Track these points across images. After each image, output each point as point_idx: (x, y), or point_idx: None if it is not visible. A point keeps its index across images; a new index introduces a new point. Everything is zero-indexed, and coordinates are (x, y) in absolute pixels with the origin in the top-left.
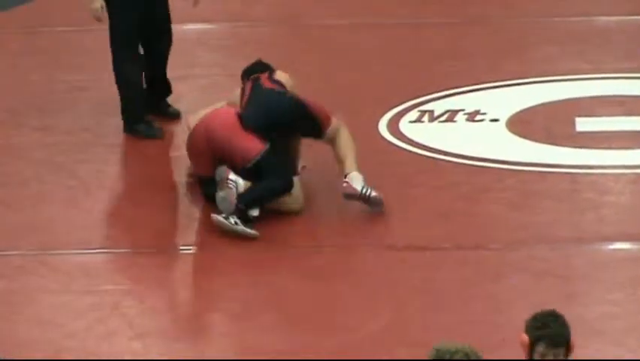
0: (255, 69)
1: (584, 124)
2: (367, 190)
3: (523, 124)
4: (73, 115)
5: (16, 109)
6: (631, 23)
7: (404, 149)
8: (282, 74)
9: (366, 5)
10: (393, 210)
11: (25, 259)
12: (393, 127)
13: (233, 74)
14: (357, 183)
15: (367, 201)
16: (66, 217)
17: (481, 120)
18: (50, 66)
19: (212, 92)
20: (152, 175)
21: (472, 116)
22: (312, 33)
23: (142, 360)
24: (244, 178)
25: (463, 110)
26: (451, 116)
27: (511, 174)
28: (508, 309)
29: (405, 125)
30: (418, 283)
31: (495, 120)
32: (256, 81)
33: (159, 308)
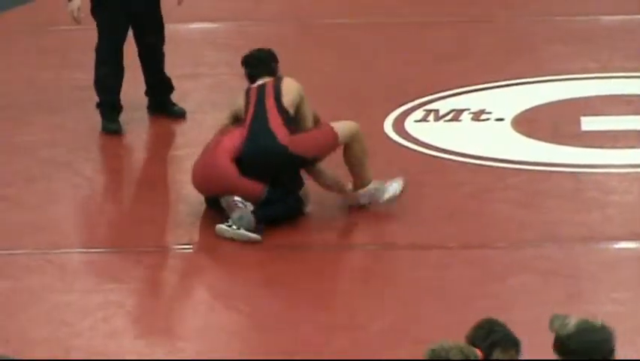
0: (262, 68)
1: (589, 123)
2: (388, 194)
3: (529, 123)
4: (80, 114)
5: (24, 107)
6: (637, 23)
7: (409, 148)
8: (290, 85)
9: (372, 4)
10: (399, 209)
11: (31, 258)
12: (399, 126)
13: (240, 73)
14: (380, 195)
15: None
16: (72, 216)
17: (487, 119)
18: (58, 65)
19: (218, 91)
20: (158, 174)
21: (477, 116)
22: (318, 32)
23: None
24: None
25: (468, 109)
26: (456, 115)
27: (517, 174)
28: (514, 308)
29: (410, 125)
30: (424, 282)
31: (500, 119)
32: (260, 93)
33: (164, 307)
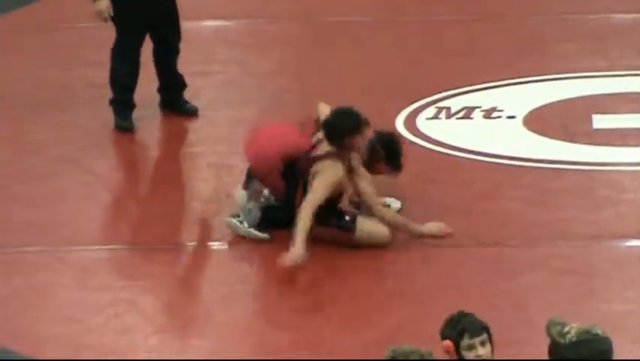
0: (336, 136)
1: (600, 121)
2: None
3: (540, 121)
4: (90, 111)
5: (34, 105)
6: None
7: (421, 146)
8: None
9: (382, 2)
10: (411, 207)
11: (42, 256)
12: (411, 124)
13: (251, 70)
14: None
15: None
16: (83, 214)
17: (498, 117)
18: (68, 62)
19: (230, 89)
20: (169, 171)
21: (488, 113)
22: (329, 30)
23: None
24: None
25: (479, 107)
26: (467, 113)
27: (528, 172)
28: (527, 306)
29: (422, 122)
30: (437, 280)
31: (512, 117)
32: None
33: (176, 304)
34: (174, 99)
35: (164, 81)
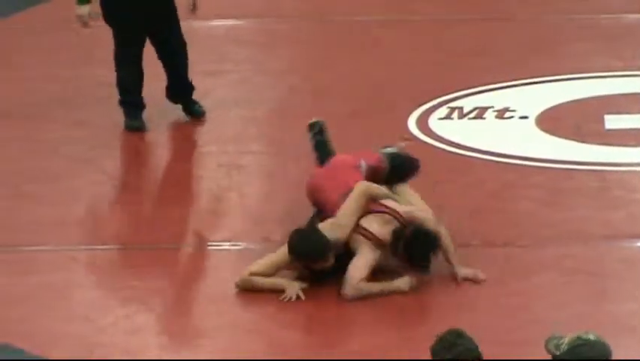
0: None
1: (613, 121)
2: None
3: (553, 121)
4: (102, 110)
5: (46, 104)
6: None
7: (433, 145)
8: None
9: (395, 1)
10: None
11: (54, 255)
12: (423, 124)
13: (263, 69)
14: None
15: None
16: (95, 213)
17: (511, 117)
18: (79, 62)
19: (241, 88)
20: (180, 172)
21: (501, 113)
22: (341, 29)
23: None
24: None
25: (492, 107)
26: (480, 113)
27: (540, 172)
28: (538, 306)
29: (434, 122)
30: (447, 279)
31: (524, 117)
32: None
33: (186, 304)
34: (182, 101)
35: (170, 85)
